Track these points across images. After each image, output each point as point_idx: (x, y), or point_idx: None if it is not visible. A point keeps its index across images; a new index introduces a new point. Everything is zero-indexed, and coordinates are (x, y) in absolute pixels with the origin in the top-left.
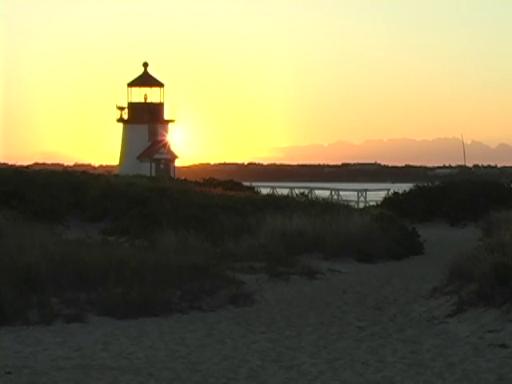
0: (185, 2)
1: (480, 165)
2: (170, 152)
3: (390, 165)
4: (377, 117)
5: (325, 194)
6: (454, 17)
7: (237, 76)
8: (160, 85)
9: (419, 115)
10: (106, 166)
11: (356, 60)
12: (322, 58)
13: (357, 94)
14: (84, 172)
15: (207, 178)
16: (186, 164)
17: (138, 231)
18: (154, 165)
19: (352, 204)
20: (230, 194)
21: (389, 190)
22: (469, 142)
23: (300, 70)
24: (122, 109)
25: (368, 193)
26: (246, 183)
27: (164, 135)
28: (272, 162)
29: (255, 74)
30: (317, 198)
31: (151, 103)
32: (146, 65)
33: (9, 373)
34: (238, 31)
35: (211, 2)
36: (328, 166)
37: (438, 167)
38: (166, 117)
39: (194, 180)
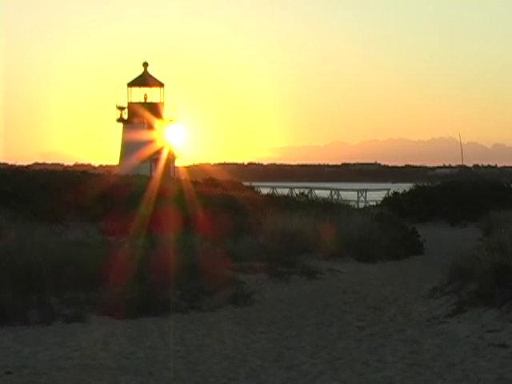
0: (185, 3)
1: (480, 165)
2: (169, 152)
3: (389, 165)
4: (372, 117)
5: (325, 193)
6: (450, 18)
7: (236, 76)
8: (160, 85)
9: (414, 116)
10: (106, 165)
11: (350, 61)
12: (319, 59)
13: (353, 95)
14: (84, 172)
15: (207, 177)
16: (186, 164)
17: (137, 231)
18: (153, 165)
19: (352, 204)
20: (230, 194)
21: (389, 190)
22: (465, 142)
23: (297, 70)
24: (121, 109)
25: (368, 193)
26: (246, 183)
27: (164, 135)
28: (272, 161)
29: (254, 74)
30: (317, 197)
31: (151, 103)
32: (146, 65)
33: (9, 373)
34: (237, 33)
35: (212, 2)
36: (328, 165)
37: (438, 167)
38: (166, 117)
39: (193, 180)
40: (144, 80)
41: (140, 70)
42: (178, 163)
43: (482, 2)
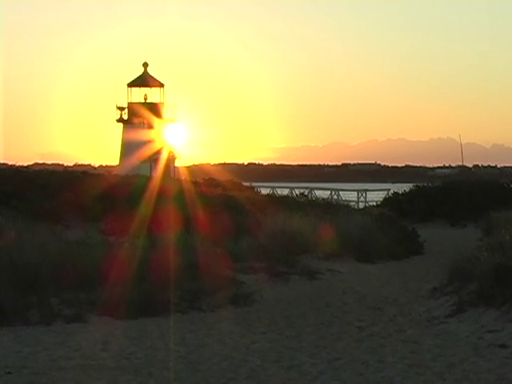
0: (185, 3)
1: (480, 165)
2: (170, 152)
3: (389, 165)
4: (371, 117)
5: (325, 194)
6: (450, 19)
7: (236, 76)
8: (160, 85)
9: (413, 116)
10: (106, 166)
11: (349, 62)
12: (318, 59)
13: (351, 96)
14: (84, 172)
15: (207, 178)
16: (186, 164)
17: (137, 231)
18: (153, 165)
19: (352, 204)
20: (230, 194)
21: (389, 190)
22: (463, 143)
23: (295, 71)
24: (121, 109)
25: (368, 193)
26: (246, 183)
27: (164, 135)
28: (272, 162)
29: (253, 74)
30: (317, 198)
31: (151, 103)
32: (145, 65)
33: (9, 373)
34: (236, 34)
35: (212, 3)
36: (328, 166)
37: (438, 167)
38: (166, 117)
39: (194, 180)
40: (144, 80)
41: (140, 71)
42: (178, 163)
43: (482, 3)
